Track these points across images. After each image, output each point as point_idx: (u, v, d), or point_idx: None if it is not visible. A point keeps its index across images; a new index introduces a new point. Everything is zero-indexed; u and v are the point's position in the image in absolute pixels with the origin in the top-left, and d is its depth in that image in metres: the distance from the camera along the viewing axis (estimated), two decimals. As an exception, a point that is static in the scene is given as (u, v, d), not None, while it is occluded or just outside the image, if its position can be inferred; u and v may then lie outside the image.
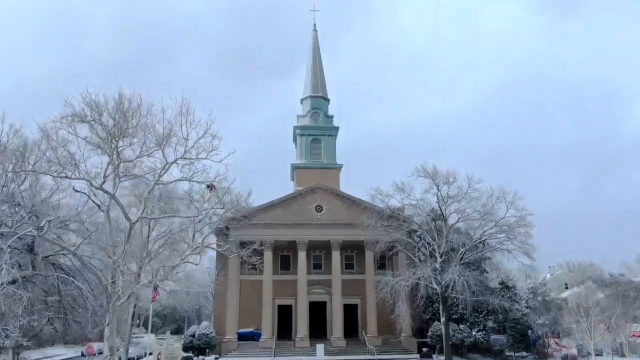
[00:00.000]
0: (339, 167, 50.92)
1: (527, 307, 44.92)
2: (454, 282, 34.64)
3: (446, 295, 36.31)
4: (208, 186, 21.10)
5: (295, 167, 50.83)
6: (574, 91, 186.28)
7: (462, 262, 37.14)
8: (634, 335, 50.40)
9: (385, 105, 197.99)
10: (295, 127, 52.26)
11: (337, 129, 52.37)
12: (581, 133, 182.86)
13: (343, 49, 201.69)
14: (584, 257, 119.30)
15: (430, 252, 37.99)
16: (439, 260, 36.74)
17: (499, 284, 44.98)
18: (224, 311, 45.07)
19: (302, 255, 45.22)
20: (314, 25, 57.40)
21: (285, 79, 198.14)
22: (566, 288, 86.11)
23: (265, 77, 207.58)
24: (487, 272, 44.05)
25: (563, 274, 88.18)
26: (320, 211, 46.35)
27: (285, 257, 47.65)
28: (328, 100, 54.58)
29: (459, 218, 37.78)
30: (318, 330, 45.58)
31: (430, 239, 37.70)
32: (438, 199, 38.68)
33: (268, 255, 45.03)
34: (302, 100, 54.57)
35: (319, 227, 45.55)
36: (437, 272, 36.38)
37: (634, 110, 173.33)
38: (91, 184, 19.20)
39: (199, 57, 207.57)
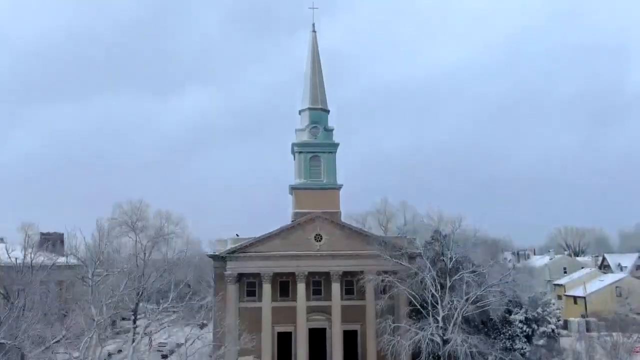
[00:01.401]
0: (339, 188, 49.02)
1: (526, 342, 44.47)
2: (457, 342, 34.07)
3: (448, 351, 35.85)
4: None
5: (293, 188, 48.88)
6: (584, 44, 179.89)
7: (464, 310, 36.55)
8: (635, 351, 50.31)
9: (397, 57, 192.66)
10: (294, 145, 49.79)
11: (337, 145, 49.91)
12: (589, 85, 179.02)
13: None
14: (584, 223, 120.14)
15: (432, 302, 37.10)
16: (441, 314, 35.94)
17: (501, 317, 44.44)
18: (222, 340, 44.88)
19: (301, 287, 44.47)
20: (313, 25, 53.28)
21: (295, 33, 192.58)
22: (565, 273, 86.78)
23: (277, 33, 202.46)
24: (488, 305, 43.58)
25: (562, 258, 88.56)
26: (320, 240, 45.10)
27: (284, 283, 46.83)
28: (328, 111, 51.71)
29: (462, 273, 36.65)
30: (318, 357, 45.69)
31: (434, 291, 36.69)
32: (442, 246, 37.41)
33: (267, 287, 44.36)
34: (300, 111, 51.64)
35: (318, 258, 44.54)
36: (440, 328, 35.70)
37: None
38: None
39: (213, 13, 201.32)
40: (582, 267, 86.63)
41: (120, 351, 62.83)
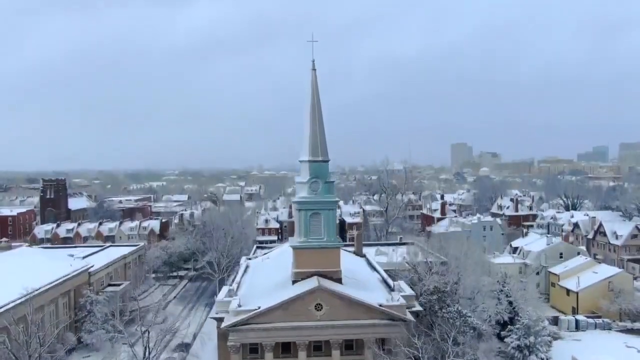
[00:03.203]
0: (339, 247, 48.88)
1: None
2: None
3: None
4: None
5: (294, 248, 48.59)
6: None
7: None
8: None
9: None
10: (294, 202, 48.71)
11: (337, 202, 48.94)
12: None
13: None
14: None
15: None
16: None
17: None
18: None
19: (302, 355, 45.95)
20: (313, 62, 49.33)
21: None
22: (560, 257, 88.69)
23: None
24: None
25: (559, 244, 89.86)
26: (320, 310, 45.73)
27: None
28: (328, 160, 49.75)
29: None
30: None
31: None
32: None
33: (269, 355, 45.82)
34: (300, 161, 49.69)
35: (319, 328, 45.52)
36: None
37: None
38: None
39: None
40: (579, 253, 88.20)
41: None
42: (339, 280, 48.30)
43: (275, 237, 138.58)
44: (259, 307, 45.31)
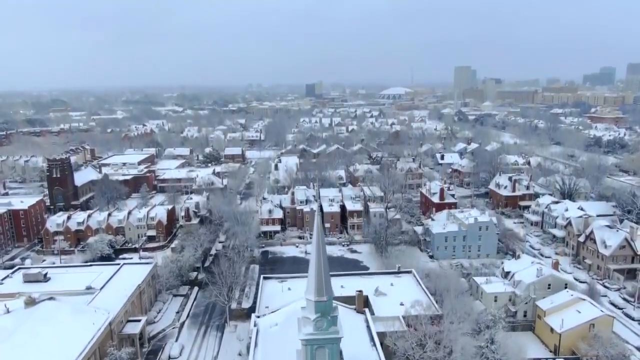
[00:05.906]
0: (343, 375, 53.74)
1: None
2: None
3: None
4: None
5: (301, 379, 53.56)
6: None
7: None
8: None
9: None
10: (301, 339, 52.77)
11: (340, 339, 52.95)
12: None
13: None
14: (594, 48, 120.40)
15: None
16: None
17: None
18: None
19: None
20: (319, 204, 50.94)
21: None
22: (549, 288, 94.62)
23: None
24: None
25: (549, 276, 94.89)
26: None
27: None
28: (333, 296, 53.12)
29: None
30: None
31: None
32: None
33: None
34: (307, 299, 53.06)
35: None
36: None
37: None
38: None
39: None
40: (566, 285, 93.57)
41: None
42: (341, 400, 53.97)
43: (278, 227, 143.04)
44: None
